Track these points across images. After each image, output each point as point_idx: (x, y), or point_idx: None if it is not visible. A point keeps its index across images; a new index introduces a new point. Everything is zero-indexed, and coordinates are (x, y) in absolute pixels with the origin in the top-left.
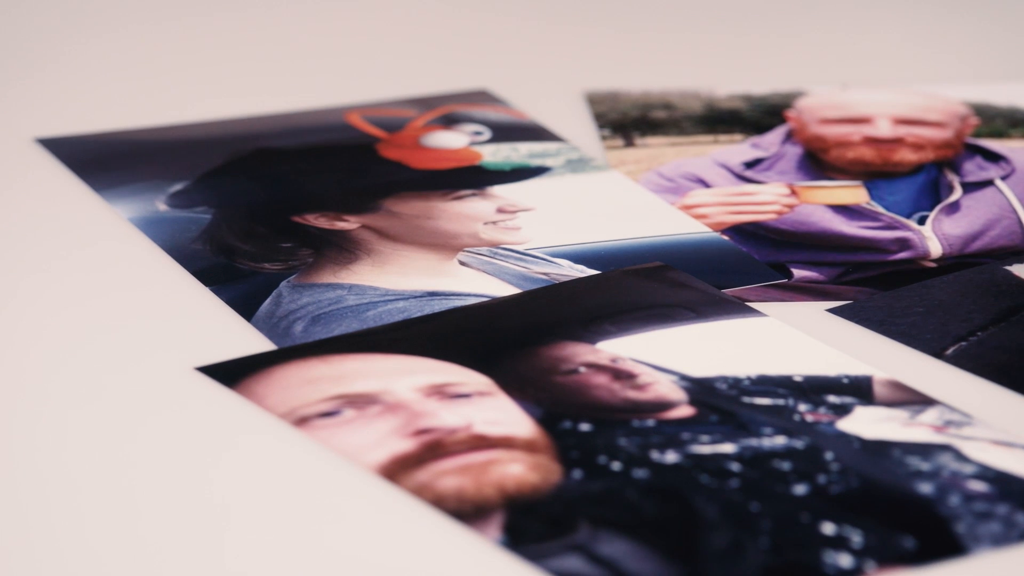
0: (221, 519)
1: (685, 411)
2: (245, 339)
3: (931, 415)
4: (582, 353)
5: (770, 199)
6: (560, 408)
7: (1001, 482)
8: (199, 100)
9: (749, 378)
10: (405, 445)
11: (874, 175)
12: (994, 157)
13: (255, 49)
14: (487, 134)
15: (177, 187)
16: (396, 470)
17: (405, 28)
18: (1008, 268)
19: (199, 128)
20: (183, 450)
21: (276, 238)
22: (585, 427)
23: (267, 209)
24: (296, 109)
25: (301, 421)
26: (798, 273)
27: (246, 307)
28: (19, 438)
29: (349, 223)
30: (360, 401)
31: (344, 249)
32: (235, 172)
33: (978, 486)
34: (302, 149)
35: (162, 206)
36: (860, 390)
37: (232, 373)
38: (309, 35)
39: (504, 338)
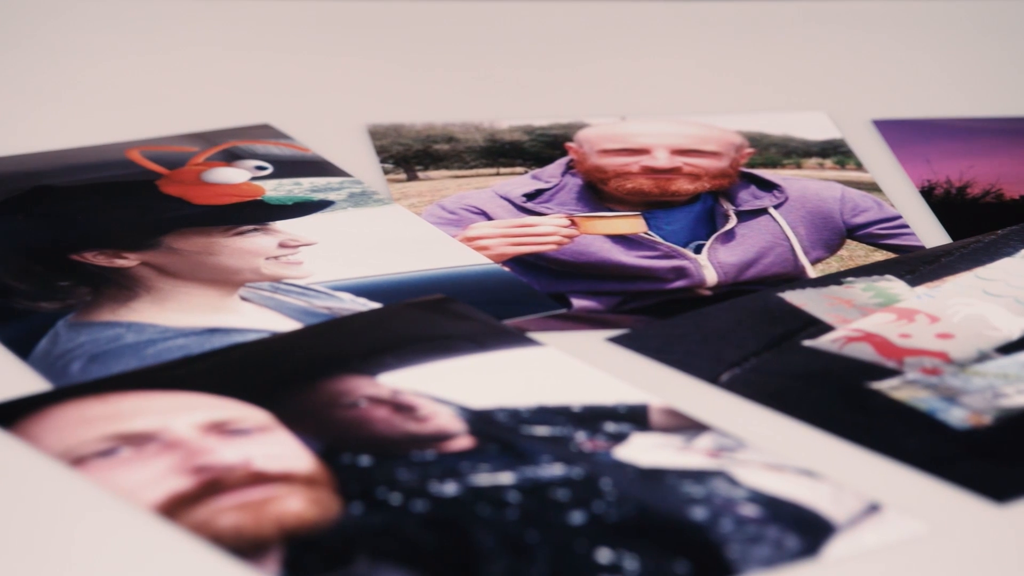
0: None
1: (465, 442)
2: (21, 379)
3: (705, 441)
4: (363, 387)
5: (550, 230)
6: (340, 442)
7: (771, 506)
8: None
9: (528, 408)
10: (183, 483)
11: (652, 205)
12: (768, 186)
13: (33, 85)
14: (269, 169)
15: None
16: (174, 508)
17: (185, 63)
18: (781, 295)
19: None
20: None
21: (53, 276)
22: (365, 461)
23: (44, 247)
24: (75, 146)
25: (78, 461)
26: (577, 303)
27: (22, 347)
28: None
29: (128, 260)
30: (137, 439)
31: (123, 287)
32: (11, 210)
33: (749, 510)
34: (81, 186)
35: None
36: (637, 418)
37: (7, 414)
38: (88, 71)
39: (285, 373)
